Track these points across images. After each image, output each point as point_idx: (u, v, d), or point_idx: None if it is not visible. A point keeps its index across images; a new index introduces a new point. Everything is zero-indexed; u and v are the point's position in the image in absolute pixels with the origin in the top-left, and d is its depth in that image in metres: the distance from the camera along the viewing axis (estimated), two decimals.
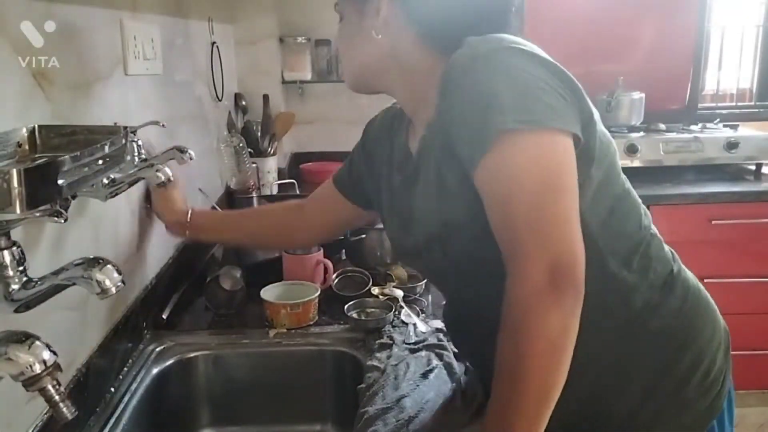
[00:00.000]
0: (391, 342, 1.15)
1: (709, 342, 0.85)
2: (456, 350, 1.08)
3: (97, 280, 0.66)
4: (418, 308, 1.29)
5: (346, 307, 1.25)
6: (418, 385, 0.99)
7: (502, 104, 0.69)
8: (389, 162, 0.96)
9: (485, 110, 0.70)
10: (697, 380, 0.83)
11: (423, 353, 1.10)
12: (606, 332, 0.80)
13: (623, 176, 0.84)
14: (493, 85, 0.71)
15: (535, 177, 0.69)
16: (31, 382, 0.62)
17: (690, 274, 0.89)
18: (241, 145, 1.98)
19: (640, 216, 0.85)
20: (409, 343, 1.14)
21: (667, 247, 0.88)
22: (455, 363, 1.06)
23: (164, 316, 1.28)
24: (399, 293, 1.33)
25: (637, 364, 0.82)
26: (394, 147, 0.96)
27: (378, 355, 1.11)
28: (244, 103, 2.24)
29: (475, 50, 0.74)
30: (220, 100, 1.94)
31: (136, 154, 1.02)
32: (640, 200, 0.86)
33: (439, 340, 1.14)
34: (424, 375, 1.02)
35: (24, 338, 0.62)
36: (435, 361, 1.07)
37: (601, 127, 0.79)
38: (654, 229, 0.87)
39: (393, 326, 1.21)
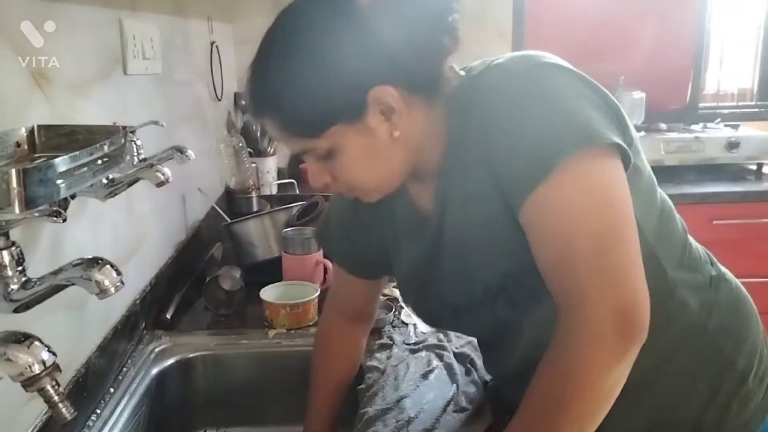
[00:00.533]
0: (391, 342, 1.15)
1: (758, 331, 0.84)
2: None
3: (96, 281, 0.66)
4: None
5: None
6: (418, 386, 0.99)
7: (550, 131, 0.65)
8: (393, 234, 0.87)
9: (535, 139, 0.65)
10: (754, 371, 0.81)
11: (423, 354, 1.10)
12: (669, 341, 0.77)
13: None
14: (536, 111, 0.66)
15: (596, 214, 0.64)
16: (30, 383, 0.62)
17: (724, 268, 0.87)
18: (240, 144, 1.98)
19: (676, 216, 0.82)
20: (409, 344, 1.14)
21: (699, 245, 0.86)
22: (455, 363, 1.06)
23: (168, 316, 1.28)
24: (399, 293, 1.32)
25: (701, 367, 0.79)
26: (395, 217, 0.86)
27: (378, 355, 1.11)
28: (243, 102, 2.23)
29: (508, 71, 0.69)
30: (219, 100, 1.94)
31: (135, 153, 1.01)
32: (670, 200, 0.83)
33: (439, 340, 1.14)
34: (424, 375, 1.02)
35: (23, 338, 0.62)
36: (435, 362, 1.06)
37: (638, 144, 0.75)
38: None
39: (393, 326, 1.21)
